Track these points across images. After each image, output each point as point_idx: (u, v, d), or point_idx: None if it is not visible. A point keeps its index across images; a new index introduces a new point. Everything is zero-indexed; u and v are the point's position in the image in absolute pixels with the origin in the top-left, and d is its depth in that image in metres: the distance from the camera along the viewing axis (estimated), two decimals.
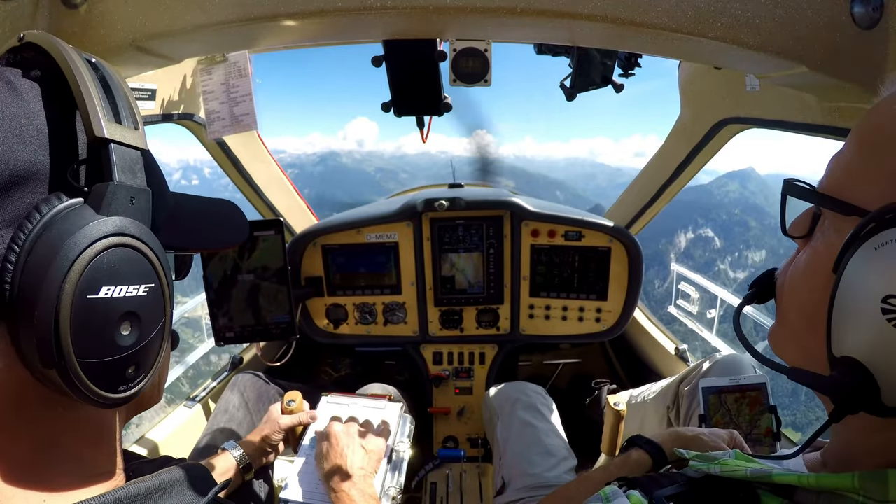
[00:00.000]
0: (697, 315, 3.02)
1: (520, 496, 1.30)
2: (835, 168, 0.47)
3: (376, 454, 1.10)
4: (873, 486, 0.40)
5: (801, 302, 0.49)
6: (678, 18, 0.75)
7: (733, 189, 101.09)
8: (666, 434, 0.88)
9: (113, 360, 0.41)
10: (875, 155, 0.42)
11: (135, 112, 0.46)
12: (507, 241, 1.89)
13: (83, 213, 0.39)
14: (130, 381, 0.43)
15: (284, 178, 2.07)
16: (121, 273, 0.40)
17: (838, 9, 0.74)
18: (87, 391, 0.39)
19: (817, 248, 0.47)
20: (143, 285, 0.42)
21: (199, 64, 1.36)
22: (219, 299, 1.42)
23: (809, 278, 0.48)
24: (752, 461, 0.54)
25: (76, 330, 0.38)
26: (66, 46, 0.43)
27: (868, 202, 0.41)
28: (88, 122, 0.41)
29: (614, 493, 0.55)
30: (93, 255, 0.38)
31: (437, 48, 1.08)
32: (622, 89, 1.31)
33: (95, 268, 0.39)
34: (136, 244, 0.42)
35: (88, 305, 0.38)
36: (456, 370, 2.05)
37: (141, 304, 0.42)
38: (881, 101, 0.44)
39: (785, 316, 0.52)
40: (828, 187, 0.47)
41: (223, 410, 1.48)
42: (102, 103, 0.42)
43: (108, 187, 0.41)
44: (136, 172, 0.44)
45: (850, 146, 0.46)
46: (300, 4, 0.76)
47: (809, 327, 0.46)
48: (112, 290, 0.40)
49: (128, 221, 0.41)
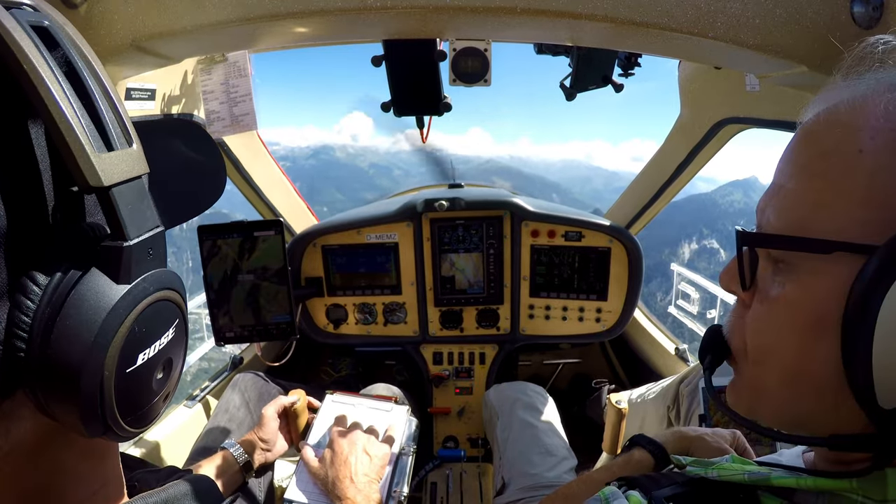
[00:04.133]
0: (697, 315, 3.02)
1: (520, 496, 1.30)
2: (781, 205, 0.43)
3: (380, 460, 1.10)
4: (872, 485, 0.40)
5: (786, 365, 0.43)
6: (678, 18, 0.75)
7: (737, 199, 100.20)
8: (669, 434, 0.88)
9: (151, 404, 0.40)
10: (834, 180, 0.39)
11: (117, 106, 0.35)
12: (506, 242, 1.89)
13: (100, 285, 0.33)
14: (160, 411, 0.43)
15: (284, 179, 2.07)
16: (153, 332, 0.38)
17: (838, 9, 0.74)
18: (127, 435, 0.39)
19: (789, 299, 0.42)
20: (171, 327, 0.40)
21: (198, 64, 1.36)
22: (219, 299, 1.42)
23: (792, 336, 0.42)
24: (748, 464, 0.54)
25: (120, 401, 0.36)
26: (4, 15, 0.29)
27: (844, 233, 0.38)
28: (74, 164, 0.30)
29: (613, 494, 0.55)
30: (125, 333, 0.35)
31: (437, 48, 1.08)
32: (622, 89, 1.31)
33: (130, 342, 0.35)
34: (163, 296, 0.38)
35: (129, 376, 0.37)
36: (456, 370, 2.05)
37: (171, 346, 0.41)
38: (812, 123, 0.42)
39: (758, 382, 0.47)
40: (786, 228, 0.42)
41: (224, 410, 1.48)
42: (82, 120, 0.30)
43: (124, 253, 0.34)
44: (145, 213, 0.36)
45: (792, 176, 0.42)
46: (300, 4, 0.76)
47: (806, 392, 0.41)
48: (148, 353, 0.38)
49: (151, 279, 0.36)
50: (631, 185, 2.08)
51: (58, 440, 0.39)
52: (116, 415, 0.36)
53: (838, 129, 0.40)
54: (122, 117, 0.35)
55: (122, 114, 0.35)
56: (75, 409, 0.34)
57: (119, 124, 0.34)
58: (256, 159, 1.89)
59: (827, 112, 0.42)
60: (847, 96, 0.41)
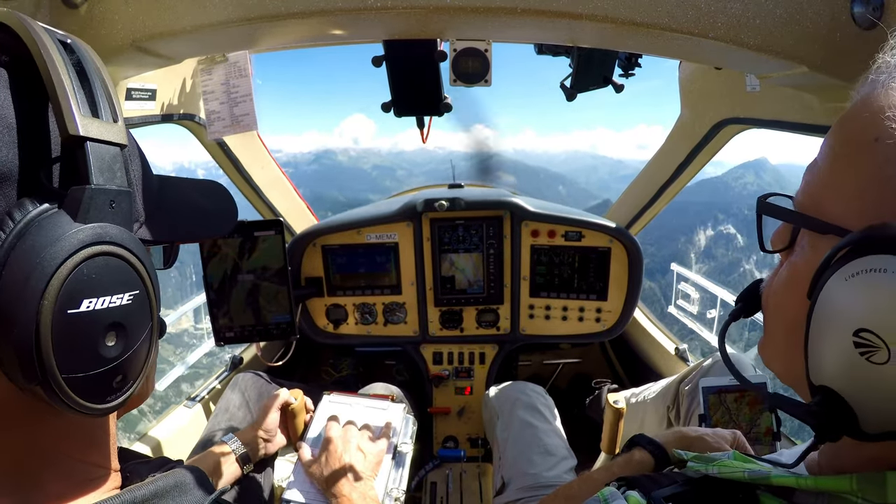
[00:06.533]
0: (697, 315, 3.02)
1: (520, 496, 1.30)
2: (810, 180, 0.45)
3: (375, 457, 1.10)
4: (871, 488, 0.40)
5: (787, 319, 0.47)
6: (678, 18, 0.75)
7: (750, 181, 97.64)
8: (669, 434, 0.88)
9: (99, 372, 0.39)
10: (849, 164, 0.41)
11: (113, 102, 0.42)
12: (506, 242, 1.89)
13: (59, 220, 0.37)
14: (118, 391, 0.42)
15: (284, 179, 2.07)
16: (103, 284, 0.38)
17: (838, 9, 0.74)
18: (74, 404, 0.38)
19: (797, 264, 0.46)
20: (126, 293, 0.40)
21: (199, 64, 1.36)
22: (219, 299, 1.42)
23: (791, 296, 0.46)
24: (750, 462, 0.54)
25: (58, 346, 0.36)
26: (36, 26, 0.39)
27: (843, 218, 0.40)
28: (62, 118, 0.37)
29: (613, 495, 0.55)
30: (72, 266, 0.36)
31: (438, 48, 1.08)
32: (622, 89, 1.31)
33: (75, 280, 0.37)
34: (117, 251, 0.39)
35: (70, 320, 0.36)
36: (456, 370, 2.05)
37: (125, 313, 0.40)
38: (853, 105, 0.43)
39: (771, 332, 0.51)
40: (804, 202, 0.45)
41: (224, 410, 1.48)
42: (77, 95, 0.38)
43: (86, 192, 0.38)
44: (115, 172, 0.41)
45: (823, 156, 0.44)
46: (300, 4, 0.76)
47: (795, 346, 0.44)
48: (94, 303, 0.38)
49: (108, 227, 0.39)
50: (631, 185, 2.08)
51: (27, 415, 0.39)
52: (53, 362, 0.36)
53: (865, 115, 0.40)
54: (113, 100, 0.42)
55: (114, 98, 0.43)
56: (11, 335, 0.35)
57: (108, 104, 0.41)
58: (256, 159, 1.89)
59: (861, 97, 0.42)
60: (880, 85, 0.41)
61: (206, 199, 0.61)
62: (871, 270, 0.35)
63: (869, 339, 0.35)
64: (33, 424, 0.40)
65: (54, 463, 0.42)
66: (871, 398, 0.37)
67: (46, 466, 0.41)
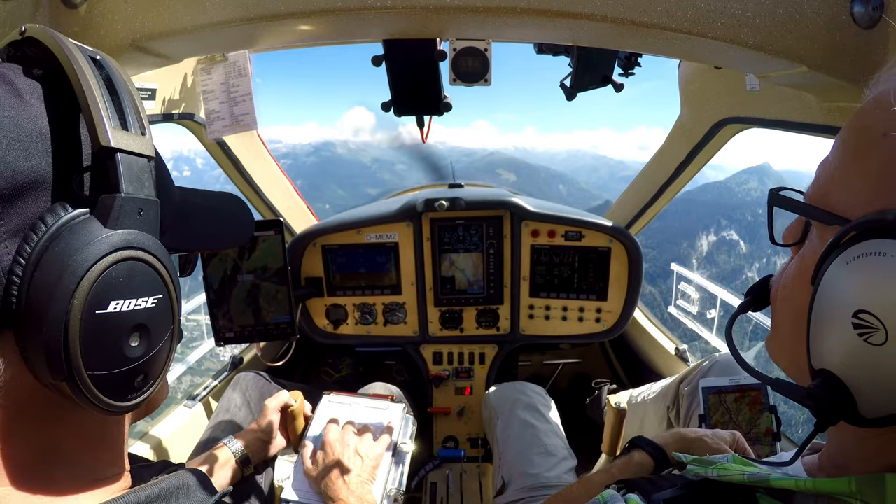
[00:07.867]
0: (697, 315, 3.02)
1: (520, 496, 1.30)
2: (821, 175, 0.46)
3: (373, 461, 1.10)
4: (871, 490, 0.40)
5: (793, 309, 0.48)
6: (678, 18, 0.75)
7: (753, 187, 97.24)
8: (668, 435, 0.88)
9: (122, 371, 0.41)
10: (857, 158, 0.42)
11: (141, 115, 0.45)
12: (506, 242, 1.89)
13: (90, 225, 0.39)
14: (139, 390, 0.43)
15: (284, 179, 2.07)
16: (130, 287, 0.40)
17: (838, 9, 0.74)
18: (96, 401, 0.39)
19: (805, 256, 0.47)
20: (151, 297, 0.42)
21: (199, 63, 1.36)
22: (219, 299, 1.42)
23: (798, 286, 0.47)
24: (749, 465, 0.54)
25: (85, 344, 0.38)
26: (68, 43, 0.41)
27: (850, 209, 0.41)
28: (94, 129, 0.39)
29: (612, 498, 0.55)
30: (101, 269, 0.38)
31: (437, 48, 1.08)
32: (622, 89, 1.31)
33: (104, 283, 0.38)
34: (144, 257, 0.42)
35: (97, 320, 0.38)
36: (456, 370, 2.05)
37: (149, 316, 0.42)
38: (866, 102, 0.43)
39: (778, 324, 0.52)
40: (813, 196, 0.46)
41: (225, 409, 1.48)
42: (108, 108, 0.41)
43: (116, 200, 0.40)
44: (143, 182, 0.43)
45: (834, 151, 0.45)
46: (300, 4, 0.76)
47: (799, 336, 0.45)
48: (121, 305, 0.40)
49: (136, 234, 0.41)
50: (631, 185, 2.08)
51: (46, 412, 0.41)
52: (80, 359, 0.37)
53: (876, 112, 0.41)
54: (141, 115, 0.45)
55: (142, 113, 0.45)
56: (41, 336, 0.36)
57: (137, 118, 0.44)
58: (256, 159, 1.89)
59: (874, 95, 0.43)
60: (893, 83, 0.42)
61: (223, 210, 0.63)
62: (872, 254, 0.36)
63: (867, 320, 0.36)
64: (50, 421, 0.41)
65: (66, 461, 0.43)
66: (869, 380, 0.38)
67: (59, 463, 0.42)
